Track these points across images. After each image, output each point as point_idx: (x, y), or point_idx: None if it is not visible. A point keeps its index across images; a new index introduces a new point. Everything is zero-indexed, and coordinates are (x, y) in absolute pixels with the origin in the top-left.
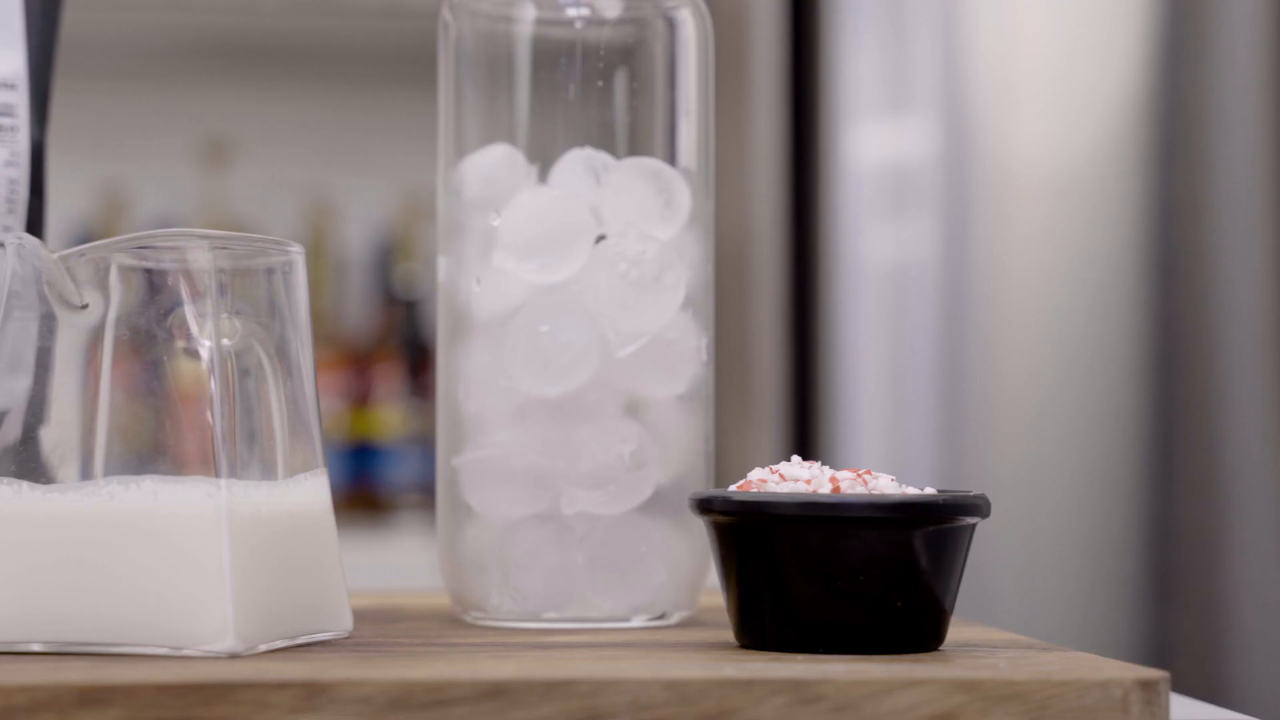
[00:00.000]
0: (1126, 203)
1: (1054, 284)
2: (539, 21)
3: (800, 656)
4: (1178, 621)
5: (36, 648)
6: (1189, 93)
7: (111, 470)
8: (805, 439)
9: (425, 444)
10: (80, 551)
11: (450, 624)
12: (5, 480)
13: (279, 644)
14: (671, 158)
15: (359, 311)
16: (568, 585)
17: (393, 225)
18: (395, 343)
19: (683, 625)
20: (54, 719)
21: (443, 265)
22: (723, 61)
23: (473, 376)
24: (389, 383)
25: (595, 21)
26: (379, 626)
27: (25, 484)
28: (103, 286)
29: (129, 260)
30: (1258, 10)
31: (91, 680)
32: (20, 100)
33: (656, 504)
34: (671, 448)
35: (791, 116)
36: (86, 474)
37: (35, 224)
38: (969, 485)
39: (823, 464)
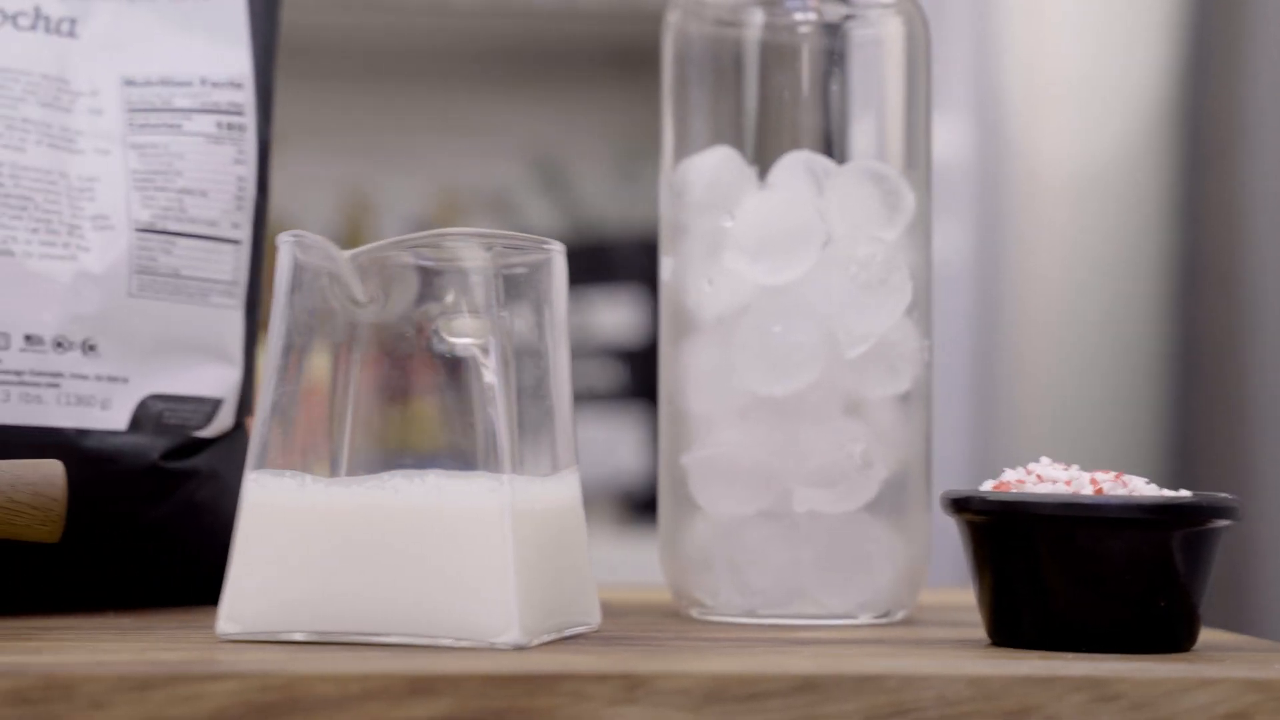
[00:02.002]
0: (1157, 205)
1: (1084, 285)
2: (766, 26)
3: (1069, 655)
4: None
5: (299, 637)
6: (1219, 95)
7: (390, 465)
8: None
9: None
10: (361, 543)
11: (676, 619)
12: (289, 473)
13: (547, 637)
14: (886, 161)
15: None
16: (795, 582)
17: (430, 221)
18: None
19: (907, 623)
20: (386, 707)
21: (667, 265)
22: None
23: (700, 376)
24: None
25: (818, 26)
26: (613, 620)
27: (309, 476)
28: (378, 283)
29: (405, 258)
30: None
31: (422, 670)
32: (248, 99)
33: (879, 503)
34: (894, 447)
35: None
36: (367, 468)
37: (260, 221)
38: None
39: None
